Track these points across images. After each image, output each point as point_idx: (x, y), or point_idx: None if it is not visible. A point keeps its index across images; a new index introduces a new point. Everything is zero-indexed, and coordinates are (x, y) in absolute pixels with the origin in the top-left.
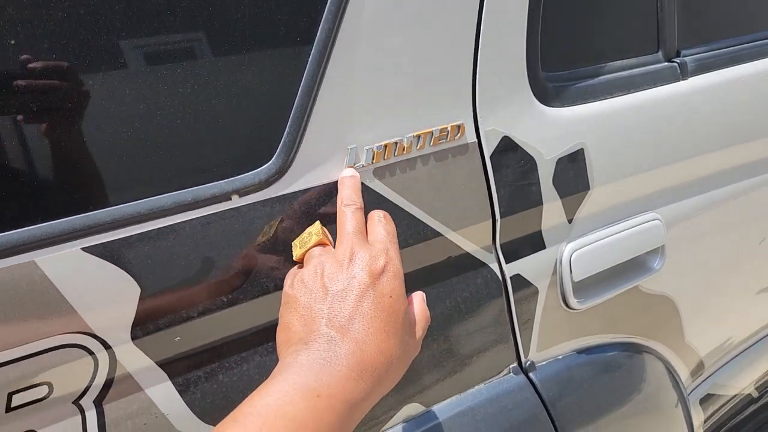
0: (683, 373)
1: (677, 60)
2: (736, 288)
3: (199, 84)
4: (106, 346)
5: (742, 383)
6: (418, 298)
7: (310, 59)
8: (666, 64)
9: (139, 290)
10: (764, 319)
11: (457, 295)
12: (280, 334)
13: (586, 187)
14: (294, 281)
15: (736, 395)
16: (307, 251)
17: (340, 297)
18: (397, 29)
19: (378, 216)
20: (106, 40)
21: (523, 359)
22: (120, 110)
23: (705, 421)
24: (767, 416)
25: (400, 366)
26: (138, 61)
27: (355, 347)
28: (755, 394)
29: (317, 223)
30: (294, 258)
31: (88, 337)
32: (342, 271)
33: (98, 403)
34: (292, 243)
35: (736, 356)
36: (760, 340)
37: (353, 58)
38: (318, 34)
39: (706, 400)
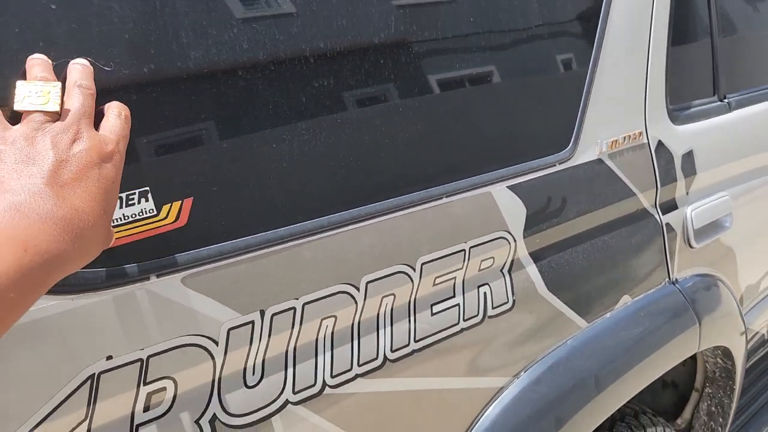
0: None
1: (726, 100)
2: None
3: (542, 104)
4: (514, 240)
5: (759, 323)
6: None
7: (582, 100)
8: (720, 103)
9: (525, 210)
10: None
11: (642, 232)
12: None
13: (694, 173)
14: (7, 134)
15: (756, 333)
16: (31, 112)
17: (65, 164)
18: (615, 83)
19: (118, 108)
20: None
21: (671, 276)
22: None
23: None
24: None
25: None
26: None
27: (72, 213)
28: (767, 336)
29: (59, 84)
30: (13, 106)
31: (508, 233)
32: (69, 141)
33: (508, 272)
34: (17, 83)
35: (760, 301)
36: None
37: (599, 95)
38: (586, 83)
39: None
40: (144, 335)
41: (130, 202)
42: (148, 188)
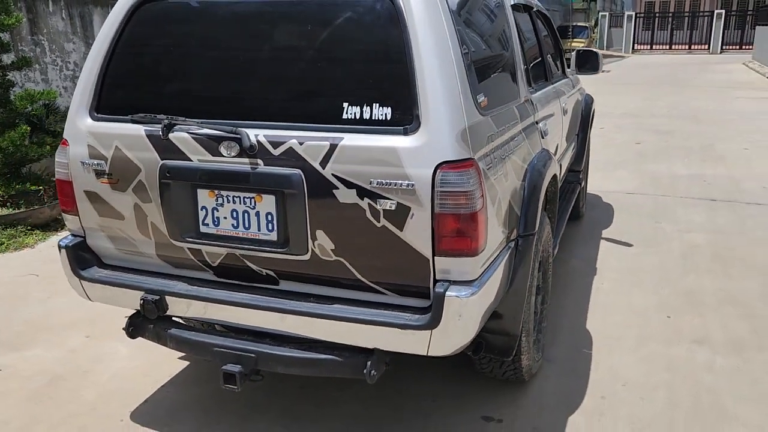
0: None
1: (533, 87)
2: (559, 135)
3: None
4: (520, 122)
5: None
6: None
7: (518, 88)
8: (531, 88)
9: (520, 115)
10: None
11: (537, 130)
12: None
13: (537, 111)
14: None
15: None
16: None
17: None
18: (522, 83)
19: None
20: None
21: (543, 145)
22: None
23: None
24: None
25: None
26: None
27: None
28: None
29: None
30: None
31: (519, 120)
32: None
33: (524, 130)
34: None
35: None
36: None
37: (519, 87)
38: (518, 82)
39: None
40: (491, 131)
41: (482, 98)
42: (483, 93)
